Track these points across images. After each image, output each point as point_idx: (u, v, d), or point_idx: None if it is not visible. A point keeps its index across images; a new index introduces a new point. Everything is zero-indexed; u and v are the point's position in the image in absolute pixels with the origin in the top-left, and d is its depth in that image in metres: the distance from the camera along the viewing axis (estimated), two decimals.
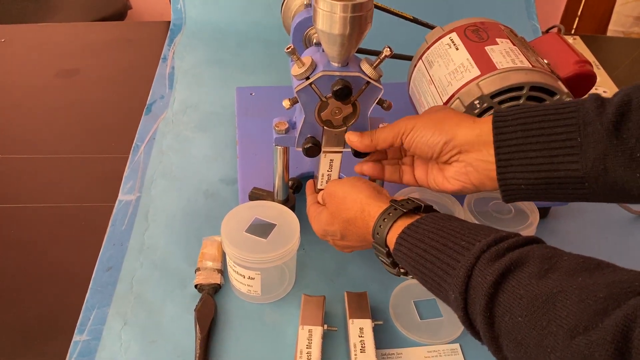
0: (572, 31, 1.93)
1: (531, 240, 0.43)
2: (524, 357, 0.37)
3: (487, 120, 0.52)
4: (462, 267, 0.41)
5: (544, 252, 0.40)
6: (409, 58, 0.78)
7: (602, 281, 0.36)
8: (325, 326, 0.59)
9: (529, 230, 0.62)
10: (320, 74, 0.54)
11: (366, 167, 0.62)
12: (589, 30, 1.89)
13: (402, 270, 0.52)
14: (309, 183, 0.67)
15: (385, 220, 0.51)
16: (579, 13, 1.88)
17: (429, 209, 0.52)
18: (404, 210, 0.51)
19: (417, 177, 0.60)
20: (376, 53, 0.62)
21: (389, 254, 0.51)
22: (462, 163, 0.54)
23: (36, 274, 0.68)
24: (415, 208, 0.51)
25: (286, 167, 0.65)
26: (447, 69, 0.66)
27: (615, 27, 1.79)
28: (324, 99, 0.56)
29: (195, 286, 0.64)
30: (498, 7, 1.15)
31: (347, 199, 0.56)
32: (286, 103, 0.57)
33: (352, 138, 0.59)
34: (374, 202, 0.54)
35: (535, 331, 0.36)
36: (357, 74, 0.55)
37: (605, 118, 0.47)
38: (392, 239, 0.50)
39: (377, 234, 0.51)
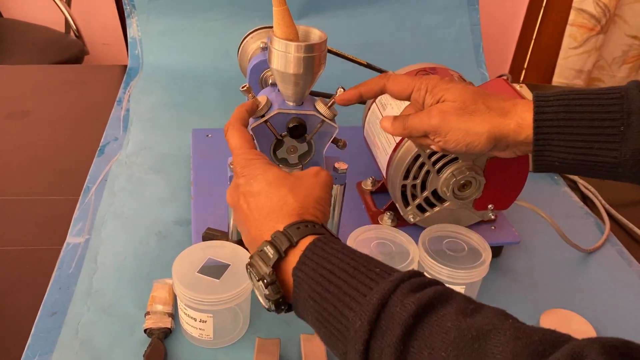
0: (520, 81, 2.02)
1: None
2: None
3: (526, 104, 0.52)
4: (376, 293, 0.37)
5: (465, 296, 0.38)
6: (363, 102, 0.79)
7: (533, 327, 0.34)
8: None
9: (482, 268, 0.63)
10: (275, 112, 0.55)
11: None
12: (535, 81, 1.98)
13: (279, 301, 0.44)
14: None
15: (299, 229, 0.44)
16: (525, 65, 1.98)
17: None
18: (316, 227, 0.45)
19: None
20: (331, 96, 0.64)
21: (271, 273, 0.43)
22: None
23: None
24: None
25: None
26: (399, 110, 0.68)
27: (559, 79, 1.89)
28: (279, 137, 0.57)
29: (145, 331, 0.62)
30: (448, 56, 1.20)
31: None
32: None
33: (385, 123, 0.57)
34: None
35: None
36: (311, 112, 0.56)
37: None
38: (294, 257, 0.43)
39: (278, 238, 0.44)
